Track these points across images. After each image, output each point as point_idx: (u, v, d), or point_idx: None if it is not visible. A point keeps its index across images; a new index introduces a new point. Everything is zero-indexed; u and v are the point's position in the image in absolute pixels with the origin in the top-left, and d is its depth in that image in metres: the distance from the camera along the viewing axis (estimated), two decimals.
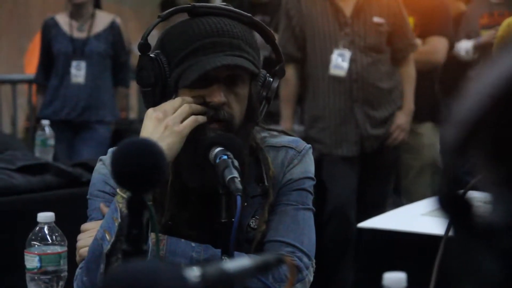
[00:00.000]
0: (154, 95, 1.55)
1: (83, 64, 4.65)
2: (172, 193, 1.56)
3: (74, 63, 4.65)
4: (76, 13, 4.72)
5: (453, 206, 0.62)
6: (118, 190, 1.49)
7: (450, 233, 0.66)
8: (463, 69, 4.43)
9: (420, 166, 4.17)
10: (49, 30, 4.74)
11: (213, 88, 1.54)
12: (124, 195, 1.46)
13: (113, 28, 4.76)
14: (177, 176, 1.57)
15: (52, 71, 4.73)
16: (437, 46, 4.15)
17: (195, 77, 1.51)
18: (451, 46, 4.30)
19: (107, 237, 1.46)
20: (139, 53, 1.58)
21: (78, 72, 4.65)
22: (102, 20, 4.77)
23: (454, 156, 0.60)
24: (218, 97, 1.53)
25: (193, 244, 1.53)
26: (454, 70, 4.35)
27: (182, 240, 1.54)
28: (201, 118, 1.52)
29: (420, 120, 4.10)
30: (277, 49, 1.66)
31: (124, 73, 4.89)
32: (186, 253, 1.52)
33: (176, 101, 1.53)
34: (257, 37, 1.66)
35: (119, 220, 1.45)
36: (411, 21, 4.12)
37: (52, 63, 4.73)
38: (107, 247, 1.44)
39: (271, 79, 1.64)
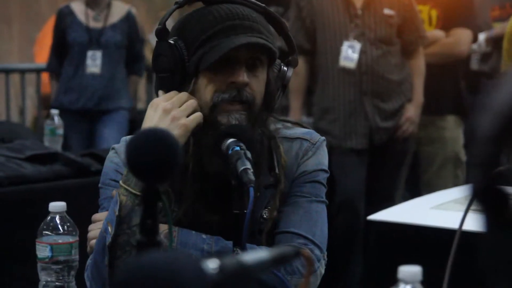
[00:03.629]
0: (173, 81, 1.55)
1: (98, 54, 4.64)
2: (191, 183, 1.56)
3: (89, 53, 4.64)
4: (92, 2, 4.70)
5: (487, 197, 0.61)
6: (121, 182, 1.48)
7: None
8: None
9: (442, 159, 4.15)
10: (64, 18, 4.72)
11: (235, 69, 1.53)
12: (128, 187, 1.46)
13: (128, 18, 4.75)
14: (196, 163, 1.56)
15: (65, 59, 4.72)
16: (461, 39, 4.11)
17: (218, 57, 1.50)
18: (475, 39, 4.27)
19: (109, 229, 1.46)
20: (155, 43, 1.58)
21: (94, 62, 4.64)
22: (118, 10, 4.76)
23: (489, 145, 0.59)
24: (241, 77, 1.53)
25: (204, 236, 1.53)
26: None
27: (193, 232, 1.53)
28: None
29: (443, 113, 4.09)
30: (290, 40, 1.65)
31: (139, 62, 4.90)
32: (197, 245, 1.52)
33: (183, 94, 1.53)
34: None
35: (117, 213, 1.46)
36: (434, 13, 4.11)
37: (65, 51, 4.72)
38: (108, 239, 1.45)
39: (286, 68, 1.64)
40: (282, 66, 1.64)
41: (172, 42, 1.54)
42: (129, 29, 4.75)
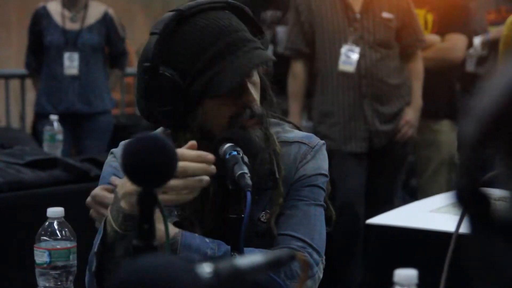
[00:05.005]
0: (176, 113, 1.50)
1: (76, 56, 4.63)
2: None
3: (66, 55, 4.62)
4: (68, 2, 4.68)
5: (471, 201, 0.62)
6: (108, 209, 1.45)
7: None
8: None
9: (437, 163, 4.16)
10: (40, 20, 4.70)
11: (243, 89, 1.52)
12: (111, 221, 1.43)
13: (105, 20, 4.74)
14: None
15: (43, 62, 4.71)
16: (456, 44, 4.12)
17: (233, 84, 1.48)
18: (470, 44, 4.27)
19: (95, 255, 1.45)
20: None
21: (72, 63, 4.63)
22: (95, 11, 4.74)
23: (473, 150, 0.60)
24: (251, 95, 1.52)
25: (207, 240, 1.51)
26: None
27: (197, 235, 1.52)
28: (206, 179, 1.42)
29: (438, 117, 4.10)
30: (255, 23, 1.62)
31: (122, 59, 4.90)
32: (200, 249, 1.50)
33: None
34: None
35: (96, 248, 1.44)
36: (430, 17, 4.11)
37: (42, 53, 4.70)
38: (94, 266, 1.45)
39: None
40: None
41: (163, 73, 1.49)
42: (107, 30, 4.74)
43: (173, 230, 1.49)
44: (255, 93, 1.55)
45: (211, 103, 1.51)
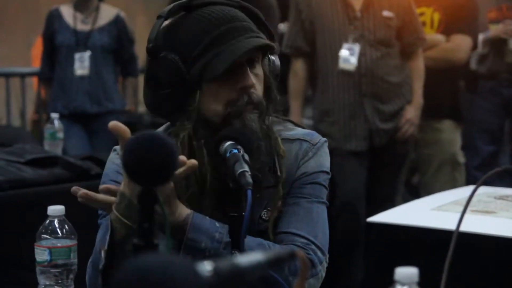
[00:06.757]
0: (175, 96, 1.52)
1: (86, 56, 4.65)
2: (188, 188, 1.55)
3: (77, 55, 4.66)
4: (80, 5, 4.73)
5: None
6: (114, 208, 1.44)
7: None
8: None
9: (439, 162, 4.16)
10: (53, 21, 4.74)
11: (241, 73, 1.52)
12: (121, 217, 1.42)
13: (117, 22, 4.77)
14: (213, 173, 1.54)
15: (55, 63, 4.74)
16: (460, 45, 4.12)
17: (228, 64, 1.48)
18: (475, 46, 4.27)
19: (102, 254, 1.45)
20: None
21: (82, 64, 4.66)
22: (107, 13, 4.78)
23: None
24: (249, 80, 1.52)
25: (217, 224, 1.50)
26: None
27: (207, 217, 1.51)
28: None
29: (440, 116, 4.10)
30: (268, 28, 1.63)
31: (133, 63, 4.91)
32: (209, 231, 1.49)
33: None
34: None
35: (106, 247, 1.43)
36: (436, 16, 4.11)
37: (54, 55, 4.73)
38: (101, 264, 1.43)
39: (274, 58, 1.63)
40: (270, 57, 1.63)
41: (165, 56, 1.52)
42: (118, 32, 4.76)
43: (185, 211, 1.49)
44: (257, 82, 1.55)
45: (209, 87, 1.52)
